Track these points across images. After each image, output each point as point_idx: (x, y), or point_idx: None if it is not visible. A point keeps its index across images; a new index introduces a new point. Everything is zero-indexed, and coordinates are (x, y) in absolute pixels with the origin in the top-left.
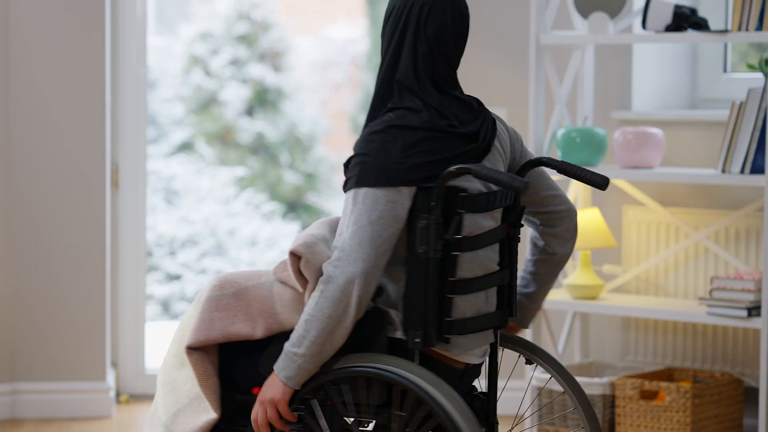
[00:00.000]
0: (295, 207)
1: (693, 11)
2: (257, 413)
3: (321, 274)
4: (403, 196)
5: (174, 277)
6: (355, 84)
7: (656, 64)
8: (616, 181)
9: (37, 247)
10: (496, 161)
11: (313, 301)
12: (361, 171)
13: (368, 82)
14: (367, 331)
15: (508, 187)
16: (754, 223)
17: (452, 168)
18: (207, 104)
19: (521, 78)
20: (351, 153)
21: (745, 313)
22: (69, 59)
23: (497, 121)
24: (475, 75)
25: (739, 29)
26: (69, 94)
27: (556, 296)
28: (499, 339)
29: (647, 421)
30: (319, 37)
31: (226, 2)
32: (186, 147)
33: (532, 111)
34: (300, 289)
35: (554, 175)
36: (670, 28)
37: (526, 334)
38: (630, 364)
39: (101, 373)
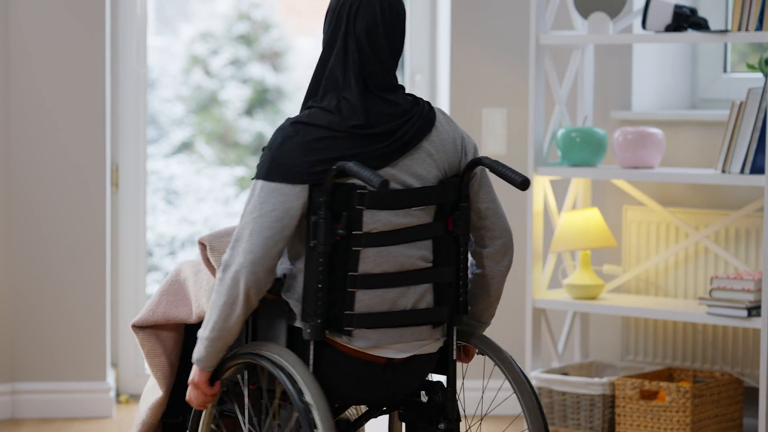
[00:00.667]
0: None
1: (693, 11)
2: (188, 393)
3: None
4: (296, 190)
5: None
6: None
7: (656, 64)
8: (616, 181)
9: (37, 247)
10: (422, 162)
11: (214, 288)
12: (262, 163)
13: None
14: (271, 318)
15: (368, 183)
16: (754, 223)
17: (333, 167)
18: (207, 104)
19: (521, 78)
20: None
21: (745, 313)
22: (69, 59)
23: (440, 123)
24: (475, 75)
25: (739, 29)
26: (69, 94)
27: (556, 296)
28: (455, 335)
29: (647, 421)
30: (319, 37)
31: (226, 2)
32: (186, 147)
33: (532, 111)
34: (213, 276)
35: (554, 175)
36: (670, 28)
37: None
38: (630, 364)
39: (101, 373)
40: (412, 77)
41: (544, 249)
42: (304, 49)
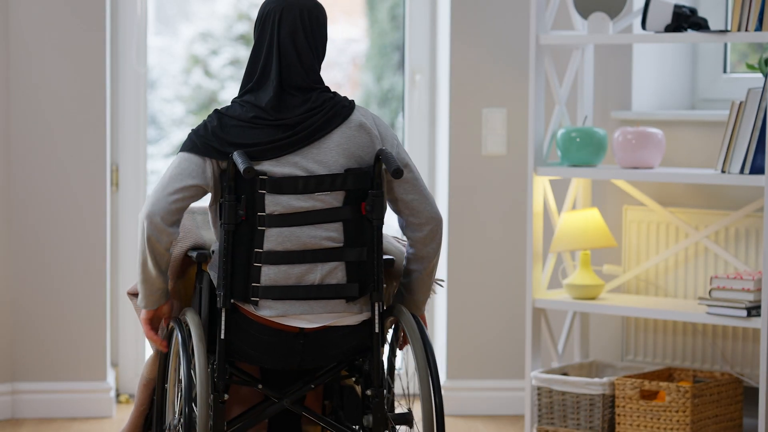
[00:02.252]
0: None
1: (693, 11)
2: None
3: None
4: (206, 164)
5: None
6: (354, 84)
7: (656, 64)
8: (616, 182)
9: (38, 247)
10: (330, 151)
11: None
12: (183, 142)
13: (368, 81)
14: (207, 288)
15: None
16: (753, 223)
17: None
18: (207, 104)
19: (521, 78)
20: None
21: (744, 313)
22: (69, 59)
23: (357, 117)
24: (475, 75)
25: (739, 29)
26: (69, 94)
27: (556, 296)
28: (379, 309)
29: (647, 421)
30: None
31: (226, 2)
32: None
33: (532, 111)
34: None
35: (554, 175)
36: (669, 28)
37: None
38: (630, 364)
39: (101, 373)
40: (412, 77)
41: (544, 249)
42: None
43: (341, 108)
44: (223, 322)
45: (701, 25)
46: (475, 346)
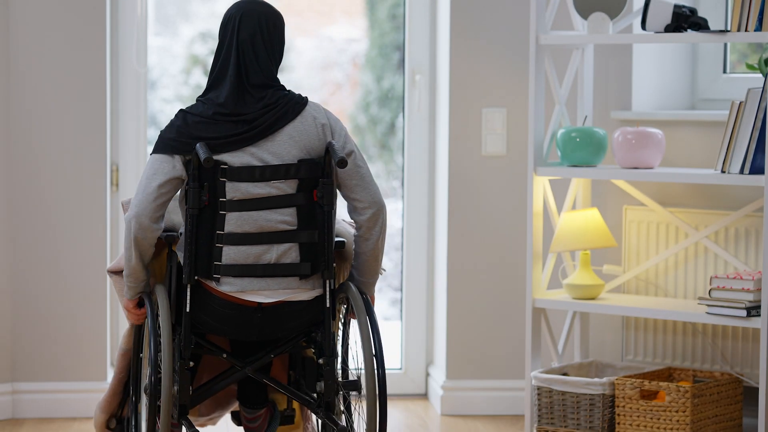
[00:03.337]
0: None
1: (693, 11)
2: (126, 317)
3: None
4: (170, 159)
5: None
6: (354, 84)
7: (656, 64)
8: (616, 182)
9: (38, 247)
10: (283, 143)
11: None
12: (155, 142)
13: (368, 81)
14: (176, 266)
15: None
16: (753, 223)
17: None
18: None
19: (521, 78)
20: None
21: (744, 312)
22: (69, 59)
23: (309, 113)
24: (475, 75)
25: (739, 29)
26: (69, 94)
27: (556, 296)
28: (330, 286)
29: (647, 420)
30: (319, 37)
31: (226, 2)
32: None
33: (532, 111)
34: None
35: (554, 175)
36: (669, 28)
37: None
38: (630, 364)
39: (102, 373)
40: (411, 77)
41: (544, 249)
42: (304, 49)
43: (294, 104)
44: (188, 297)
45: (701, 25)
46: (475, 346)
